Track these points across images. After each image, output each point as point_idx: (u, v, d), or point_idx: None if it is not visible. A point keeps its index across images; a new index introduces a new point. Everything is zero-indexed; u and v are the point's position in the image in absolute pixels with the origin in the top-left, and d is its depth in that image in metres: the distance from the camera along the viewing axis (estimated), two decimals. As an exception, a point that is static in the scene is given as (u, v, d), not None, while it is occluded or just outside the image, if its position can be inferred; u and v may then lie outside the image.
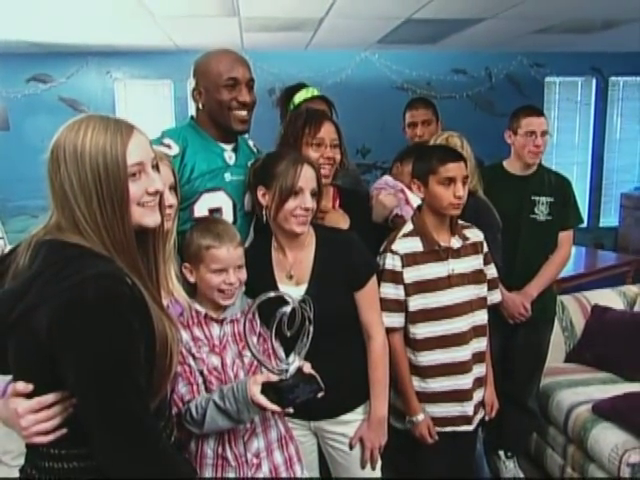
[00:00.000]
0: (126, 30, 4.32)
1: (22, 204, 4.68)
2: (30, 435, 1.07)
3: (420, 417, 1.90)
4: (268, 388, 1.37)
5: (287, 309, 1.34)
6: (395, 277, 1.86)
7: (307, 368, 1.42)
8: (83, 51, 5.08)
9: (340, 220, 1.89)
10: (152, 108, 5.33)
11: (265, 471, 1.53)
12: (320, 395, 1.41)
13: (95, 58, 5.21)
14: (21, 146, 4.74)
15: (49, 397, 1.05)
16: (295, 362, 1.39)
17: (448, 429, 1.92)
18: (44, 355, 1.01)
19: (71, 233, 1.06)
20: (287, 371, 1.38)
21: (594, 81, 5.74)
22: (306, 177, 1.62)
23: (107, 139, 1.05)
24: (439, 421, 1.92)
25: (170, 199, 1.48)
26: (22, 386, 1.07)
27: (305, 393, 1.38)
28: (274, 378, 1.38)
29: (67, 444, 1.07)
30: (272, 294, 1.38)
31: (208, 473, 1.51)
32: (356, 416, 1.75)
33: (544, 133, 2.46)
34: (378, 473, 1.78)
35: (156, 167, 1.13)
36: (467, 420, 1.92)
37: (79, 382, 1.01)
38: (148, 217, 1.11)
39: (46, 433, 1.06)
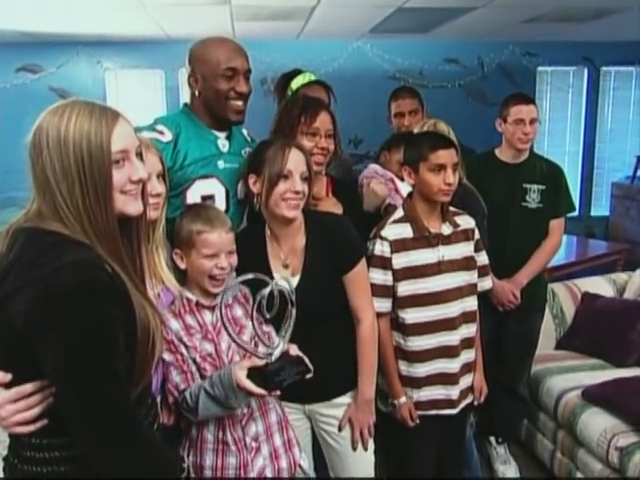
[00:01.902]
0: (117, 19, 4.29)
1: (11, 195, 4.62)
2: (10, 425, 1.07)
3: (402, 400, 1.92)
4: (254, 373, 1.37)
5: (265, 291, 1.34)
6: (384, 263, 1.87)
7: (294, 350, 1.42)
8: (73, 41, 5.04)
9: (332, 208, 1.90)
10: (143, 98, 5.30)
11: (265, 454, 1.55)
12: (308, 376, 1.41)
13: (85, 48, 5.16)
14: (10, 137, 4.67)
15: (28, 386, 1.05)
16: (280, 345, 1.39)
17: (432, 412, 1.94)
18: (21, 344, 1.00)
19: (51, 220, 1.04)
20: (272, 355, 1.38)
21: (586, 71, 5.75)
22: (295, 160, 1.62)
23: (92, 125, 1.03)
24: (423, 404, 1.93)
25: (157, 187, 1.47)
26: (1, 376, 1.06)
27: (291, 375, 1.38)
28: (259, 362, 1.38)
29: (48, 434, 1.07)
30: (250, 276, 1.37)
31: (209, 458, 1.52)
32: (348, 399, 1.76)
33: (533, 121, 2.46)
34: (370, 454, 1.81)
35: (140, 155, 1.13)
36: (451, 404, 1.94)
37: (56, 370, 1.00)
38: (131, 205, 1.10)
39: (26, 423, 1.06)
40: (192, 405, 1.45)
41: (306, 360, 1.41)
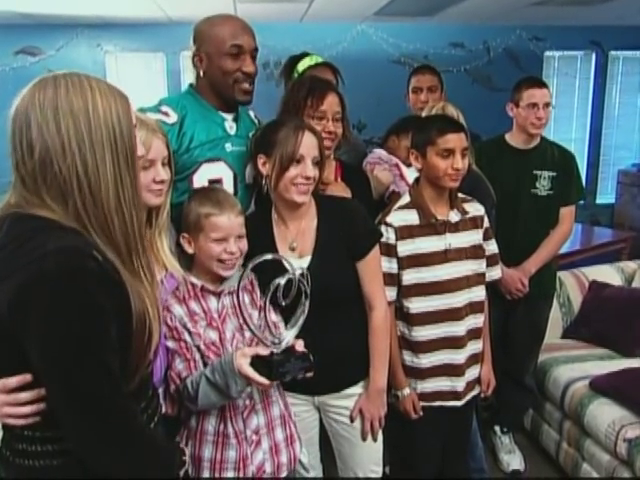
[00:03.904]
0: (117, 1, 4.21)
1: (11, 180, 4.58)
2: (1, 416, 1.03)
3: (405, 392, 1.89)
4: (257, 361, 1.33)
5: (282, 280, 1.29)
6: (389, 250, 1.82)
7: (299, 346, 1.38)
8: (73, 23, 4.96)
9: (342, 192, 1.85)
10: (144, 82, 5.22)
11: (265, 448, 1.51)
12: (309, 375, 1.38)
13: (85, 30, 5.09)
14: (10, 120, 4.64)
15: (12, 380, 1.00)
16: (288, 337, 1.35)
17: (436, 404, 1.91)
18: (7, 336, 0.95)
19: (38, 205, 0.99)
20: (279, 344, 1.34)
21: (594, 55, 5.66)
22: (308, 145, 1.58)
23: (116, 99, 1.01)
24: (428, 396, 1.90)
25: (162, 174, 1.42)
26: None
27: (295, 370, 1.34)
28: (264, 352, 1.34)
29: (41, 426, 1.03)
30: (269, 256, 1.33)
31: (208, 450, 1.48)
32: (359, 389, 1.74)
33: (547, 105, 2.41)
34: (379, 444, 1.78)
35: None
36: (456, 396, 1.90)
37: (42, 364, 0.96)
38: None
39: (18, 416, 1.02)
40: (193, 393, 1.41)
41: (311, 357, 1.37)
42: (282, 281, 1.30)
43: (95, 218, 0.99)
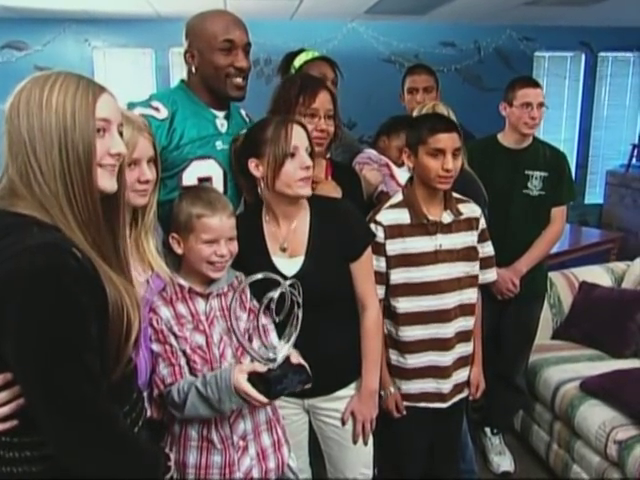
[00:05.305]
0: (105, -5, 4.16)
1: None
2: None
3: (389, 391, 1.87)
4: (254, 378, 1.30)
5: (275, 294, 1.26)
6: (377, 248, 1.80)
7: (295, 358, 1.35)
8: (60, 17, 4.88)
9: (332, 191, 1.83)
10: (132, 78, 5.16)
11: (252, 454, 1.48)
12: (307, 386, 1.36)
13: (73, 25, 5.01)
14: (-5, 116, 4.57)
15: None
16: (283, 350, 1.33)
17: (421, 405, 1.89)
18: None
19: (10, 188, 0.98)
20: (275, 360, 1.31)
21: (583, 56, 5.67)
22: (298, 136, 1.56)
23: (78, 90, 0.99)
24: (413, 396, 1.89)
25: (147, 174, 1.39)
26: None
27: (294, 384, 1.32)
28: (261, 368, 1.31)
29: (19, 432, 0.99)
30: (260, 276, 1.31)
31: (193, 455, 1.45)
32: (350, 391, 1.72)
33: (540, 105, 2.41)
34: (370, 446, 1.76)
35: (120, 134, 1.08)
36: (442, 398, 1.89)
37: (20, 365, 0.93)
38: (106, 180, 1.04)
39: None
40: (179, 402, 1.38)
41: (307, 368, 1.35)
42: (275, 295, 1.27)
43: (56, 207, 0.98)
